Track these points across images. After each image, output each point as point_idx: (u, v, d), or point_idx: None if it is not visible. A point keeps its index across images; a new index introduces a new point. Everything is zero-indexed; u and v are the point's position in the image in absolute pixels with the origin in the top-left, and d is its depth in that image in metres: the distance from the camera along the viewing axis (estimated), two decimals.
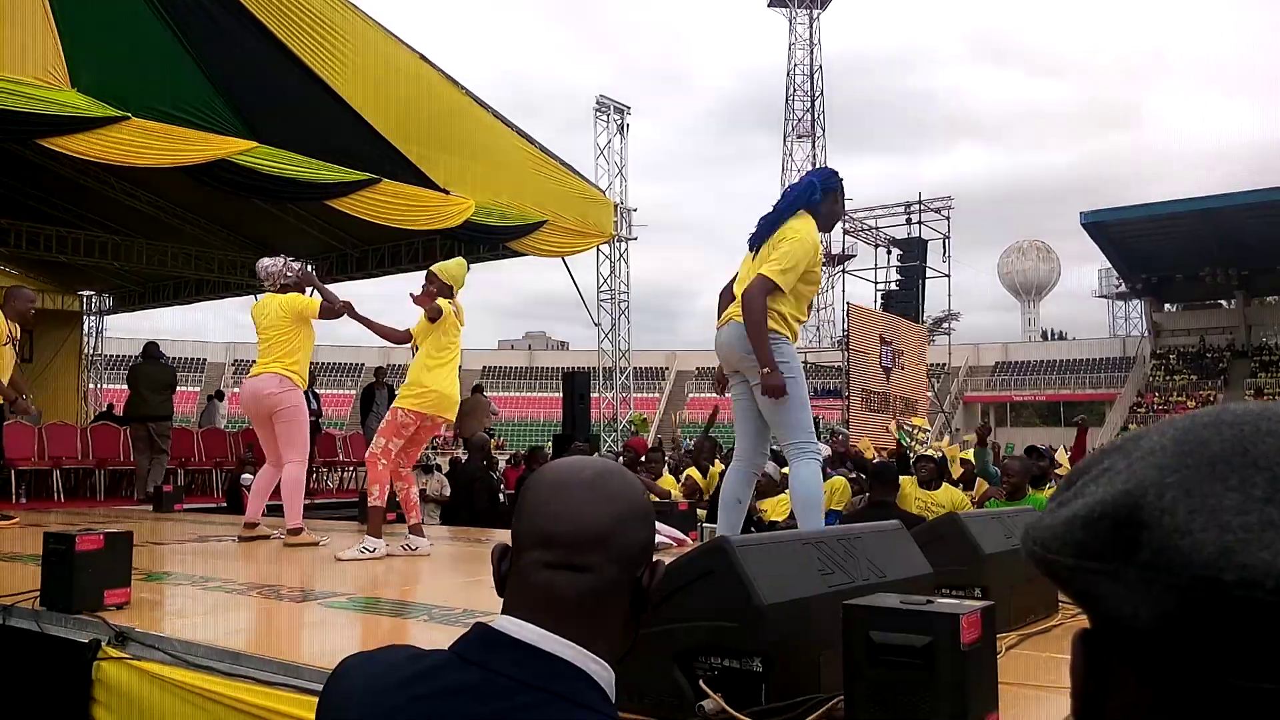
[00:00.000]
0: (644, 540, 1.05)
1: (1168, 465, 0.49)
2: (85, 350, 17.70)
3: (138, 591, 3.14)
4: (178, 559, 4.72)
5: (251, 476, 9.85)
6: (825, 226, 3.99)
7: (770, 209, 3.99)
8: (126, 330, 24.62)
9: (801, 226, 3.86)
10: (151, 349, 10.59)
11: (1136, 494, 0.49)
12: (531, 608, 0.99)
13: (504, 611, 1.02)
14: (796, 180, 4.28)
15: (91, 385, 18.07)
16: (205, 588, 3.70)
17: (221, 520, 7.25)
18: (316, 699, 2.11)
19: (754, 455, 4.05)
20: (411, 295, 5.12)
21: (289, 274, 5.55)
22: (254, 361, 5.62)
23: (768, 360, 3.70)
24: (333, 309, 5.53)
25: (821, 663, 1.80)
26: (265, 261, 5.65)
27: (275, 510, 6.07)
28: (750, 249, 4.00)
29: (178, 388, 10.95)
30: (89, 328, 18.08)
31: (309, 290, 5.68)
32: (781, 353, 3.80)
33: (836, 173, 4.15)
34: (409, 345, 5.39)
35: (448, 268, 5.20)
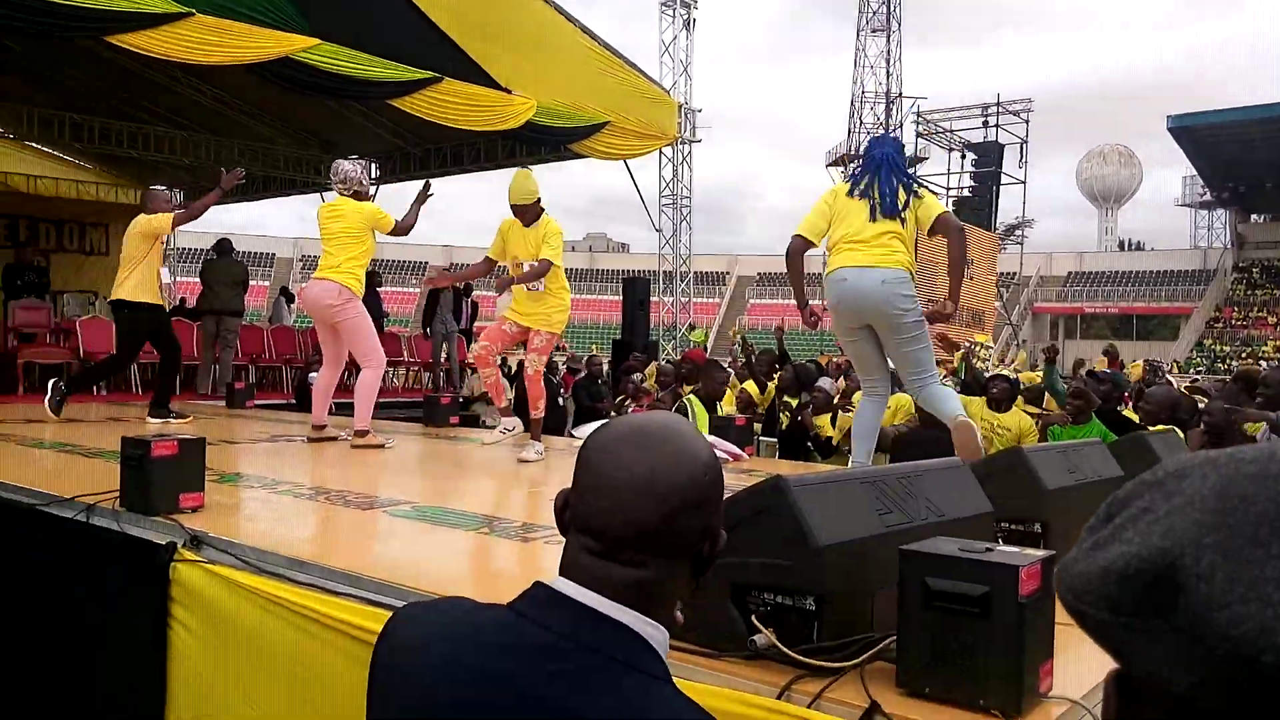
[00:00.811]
0: (701, 526, 1.02)
1: (1207, 522, 0.46)
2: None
3: (211, 494, 3.25)
4: (249, 460, 4.88)
5: (316, 374, 10.12)
6: None
7: (868, 162, 4.29)
8: (197, 224, 25.14)
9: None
10: (224, 245, 10.79)
11: (1173, 553, 0.46)
12: (585, 582, 0.99)
13: (561, 570, 1.03)
14: (882, 139, 4.57)
15: (166, 279, 18.56)
16: (275, 491, 3.82)
17: (291, 418, 7.46)
18: (378, 610, 2.19)
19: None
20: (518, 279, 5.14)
21: (367, 181, 5.60)
22: (317, 260, 5.69)
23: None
24: (405, 229, 5.69)
25: (875, 602, 1.79)
26: (346, 166, 5.66)
27: (345, 409, 6.23)
28: (863, 197, 4.19)
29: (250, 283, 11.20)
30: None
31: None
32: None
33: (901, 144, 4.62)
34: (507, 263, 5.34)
35: (513, 189, 5.15)
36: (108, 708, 2.91)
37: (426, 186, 5.91)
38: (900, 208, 4.15)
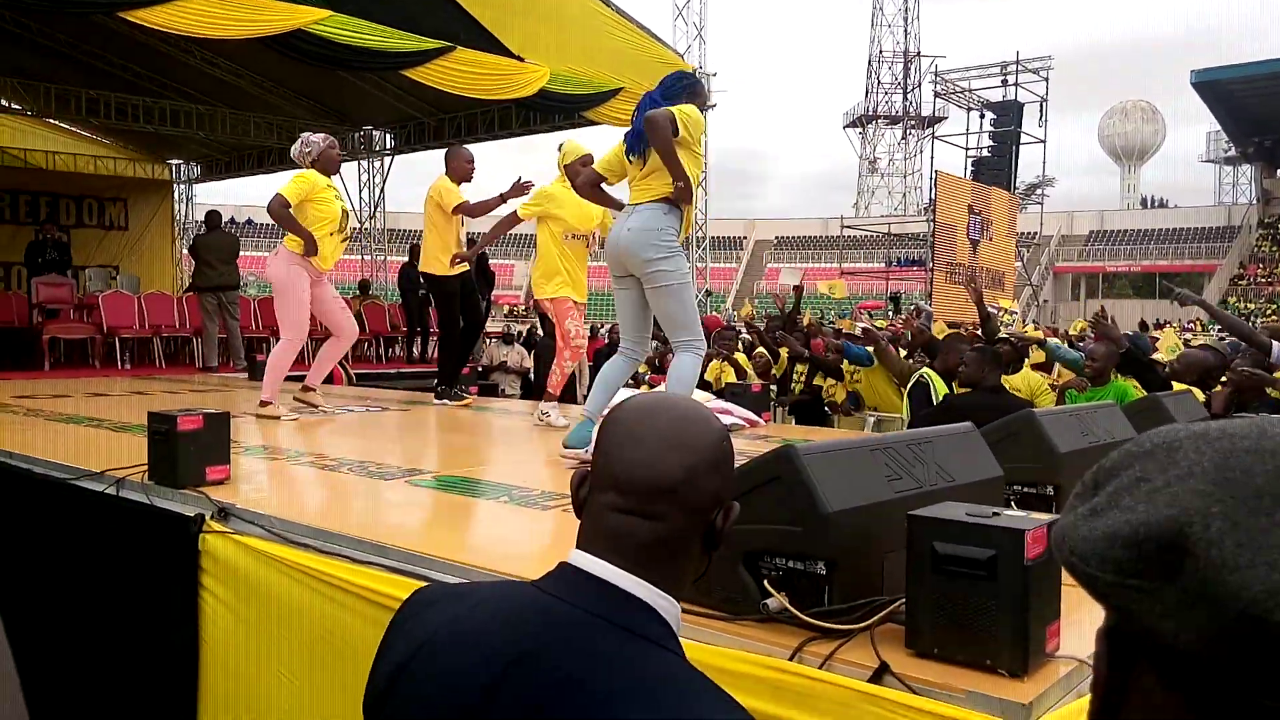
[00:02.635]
0: (716, 488, 1.08)
1: (1210, 492, 0.50)
2: (177, 218, 18.22)
3: (236, 466, 3.33)
4: (272, 431, 4.96)
5: None
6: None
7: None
8: (218, 196, 25.27)
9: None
10: (214, 218, 10.45)
11: (1182, 520, 0.50)
12: (605, 547, 1.04)
13: (579, 545, 1.07)
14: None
15: (185, 252, 18.70)
16: (299, 462, 3.90)
17: None
18: (405, 579, 2.25)
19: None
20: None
21: (315, 154, 5.55)
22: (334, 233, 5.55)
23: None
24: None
25: (886, 566, 1.83)
26: (302, 139, 5.65)
27: (369, 380, 6.31)
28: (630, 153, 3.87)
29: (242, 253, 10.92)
30: (179, 195, 18.55)
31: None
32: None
33: (682, 75, 4.09)
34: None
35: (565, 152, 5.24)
36: (143, 678, 3.00)
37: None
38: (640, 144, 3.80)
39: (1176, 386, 4.84)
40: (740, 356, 7.71)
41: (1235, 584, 0.47)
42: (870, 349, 6.90)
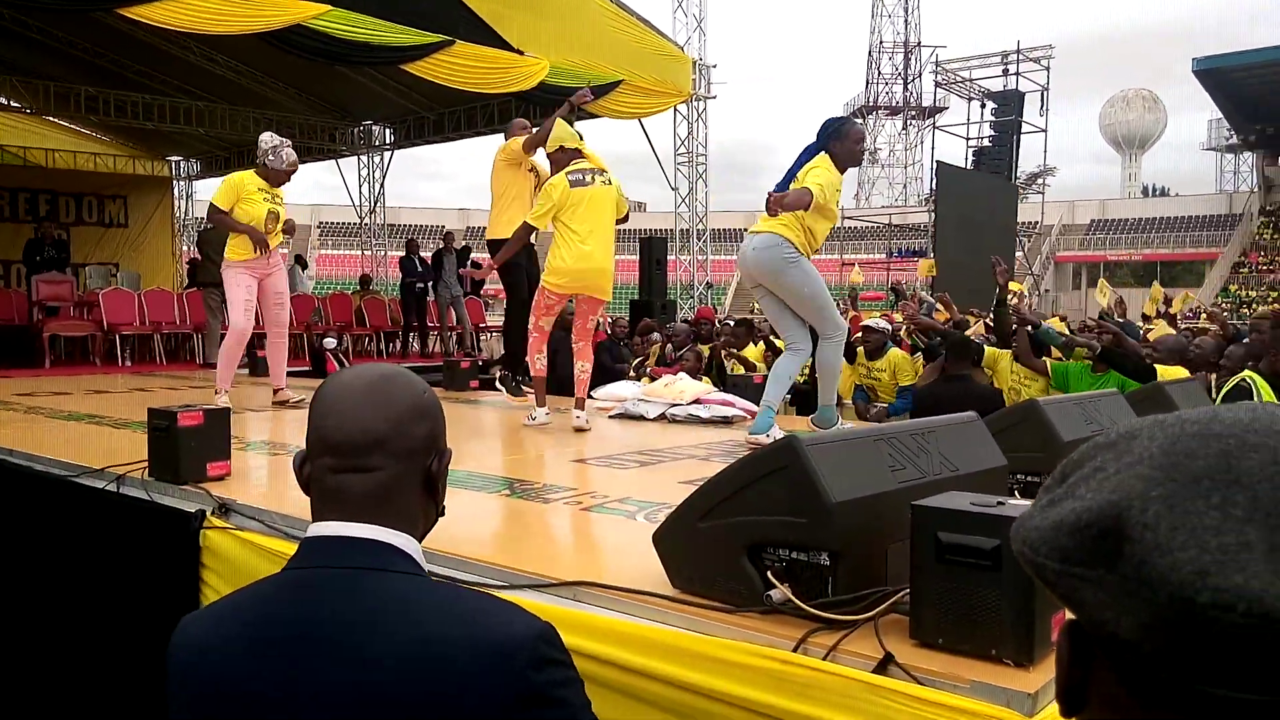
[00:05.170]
0: (425, 435, 1.16)
1: (1153, 477, 0.50)
2: (177, 214, 18.21)
3: (237, 462, 3.32)
4: (273, 426, 4.96)
5: (334, 341, 10.18)
6: (842, 167, 4.30)
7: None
8: (201, 192, 25.23)
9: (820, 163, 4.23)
10: None
11: (1121, 505, 0.50)
12: (332, 508, 1.12)
13: (314, 518, 1.14)
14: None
15: (185, 248, 18.69)
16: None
17: (313, 385, 7.53)
18: None
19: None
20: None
21: (271, 158, 5.59)
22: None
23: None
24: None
25: (890, 556, 1.82)
26: (267, 144, 5.68)
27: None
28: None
29: None
30: (179, 192, 18.54)
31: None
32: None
33: (845, 117, 4.56)
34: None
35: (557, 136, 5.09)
36: (144, 674, 3.00)
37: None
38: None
39: (1166, 371, 4.83)
40: (751, 349, 7.68)
41: (1165, 566, 0.46)
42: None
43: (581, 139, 5.09)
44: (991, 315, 6.88)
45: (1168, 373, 4.80)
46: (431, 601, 1.07)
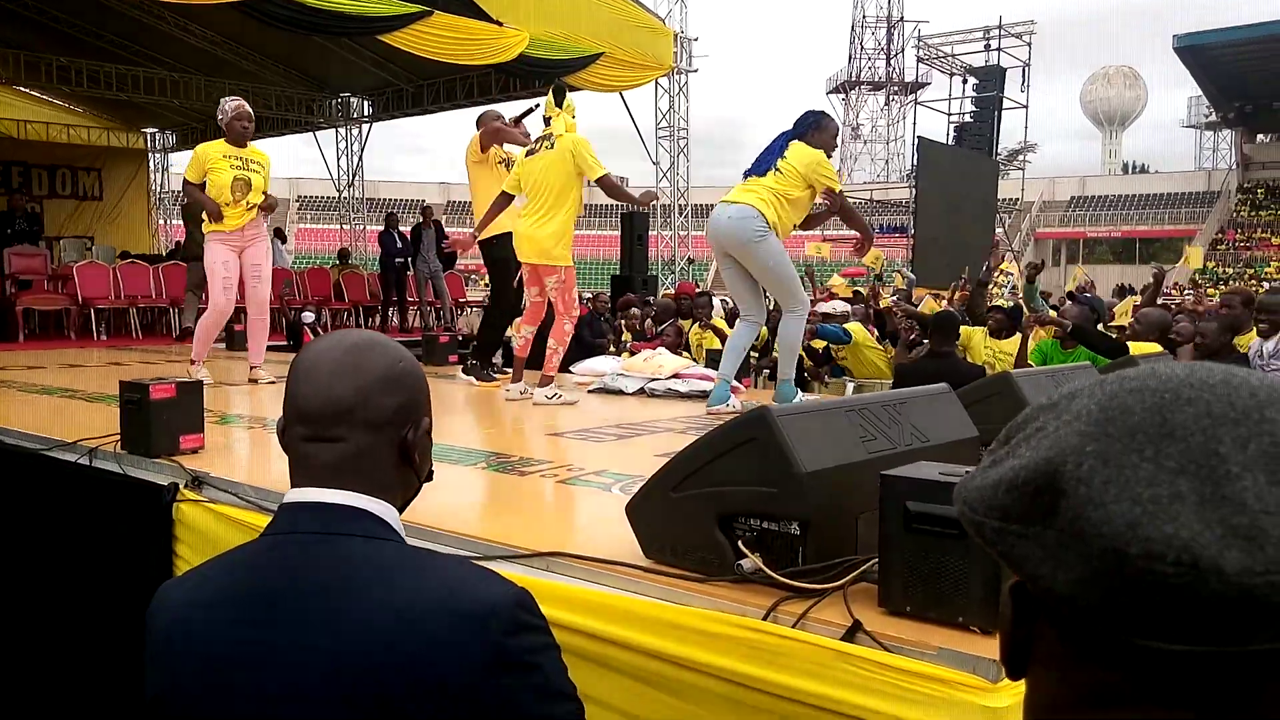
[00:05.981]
0: (396, 404, 1.15)
1: (1089, 432, 0.50)
2: (152, 187, 17.98)
3: (211, 435, 3.30)
4: (248, 400, 4.93)
5: (312, 315, 10.10)
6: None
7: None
8: (180, 165, 24.95)
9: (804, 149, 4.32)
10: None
11: (1057, 461, 0.50)
12: (305, 475, 1.12)
13: (292, 484, 1.14)
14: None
15: (160, 222, 18.47)
16: (275, 431, 3.87)
17: (286, 360, 7.49)
18: None
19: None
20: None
21: (229, 117, 5.51)
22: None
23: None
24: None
25: (860, 526, 1.83)
26: (229, 106, 5.59)
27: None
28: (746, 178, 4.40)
29: None
30: (155, 164, 18.30)
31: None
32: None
33: (823, 112, 4.59)
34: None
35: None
36: (117, 648, 2.99)
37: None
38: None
39: (1141, 347, 4.88)
40: (719, 322, 7.69)
41: (1099, 519, 0.47)
42: (845, 327, 6.88)
43: (561, 107, 4.98)
44: (965, 292, 6.92)
45: (1141, 349, 4.84)
46: (408, 566, 1.07)
